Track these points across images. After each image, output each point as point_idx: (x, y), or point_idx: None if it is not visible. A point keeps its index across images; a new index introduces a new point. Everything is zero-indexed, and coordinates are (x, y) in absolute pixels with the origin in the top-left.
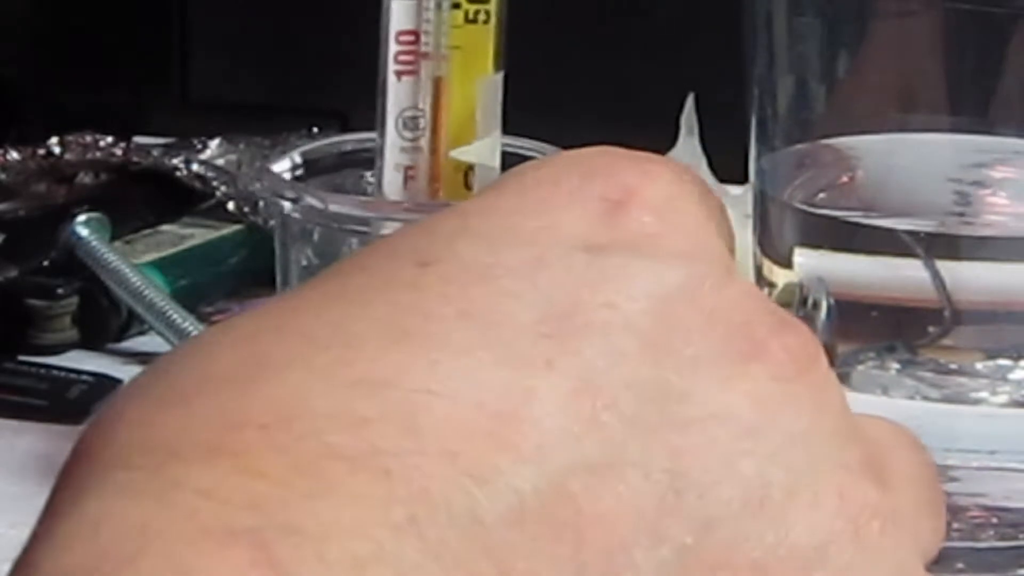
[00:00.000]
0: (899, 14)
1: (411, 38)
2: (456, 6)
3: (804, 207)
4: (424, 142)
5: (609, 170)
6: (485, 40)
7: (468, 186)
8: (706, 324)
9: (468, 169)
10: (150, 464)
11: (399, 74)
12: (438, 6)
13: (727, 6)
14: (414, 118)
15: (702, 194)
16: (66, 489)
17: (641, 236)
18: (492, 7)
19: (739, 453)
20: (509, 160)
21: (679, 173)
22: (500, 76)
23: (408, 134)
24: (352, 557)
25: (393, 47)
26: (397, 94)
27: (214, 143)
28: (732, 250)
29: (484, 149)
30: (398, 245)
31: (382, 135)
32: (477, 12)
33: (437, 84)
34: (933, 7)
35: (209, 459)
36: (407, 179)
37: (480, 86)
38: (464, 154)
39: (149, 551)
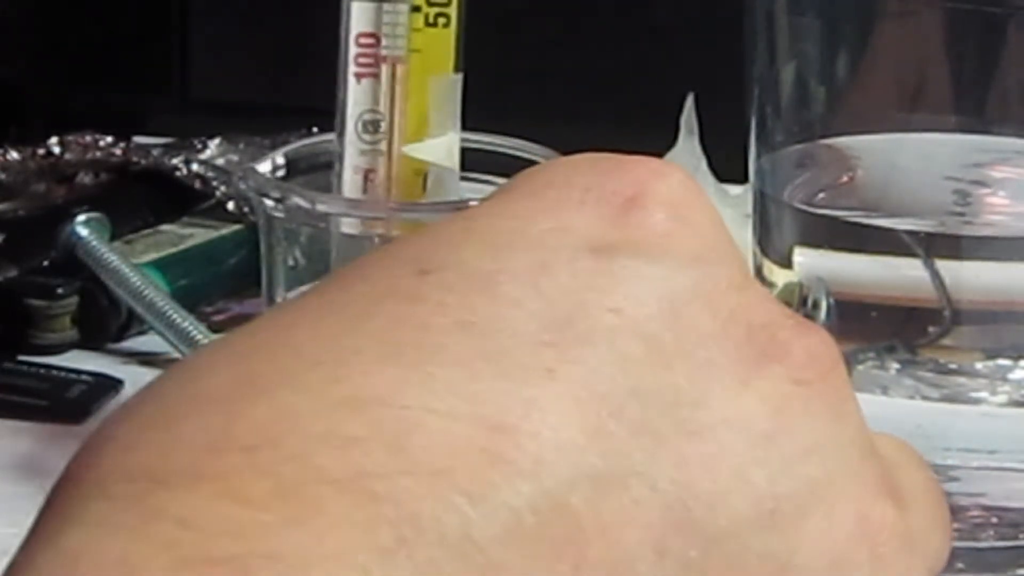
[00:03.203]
0: (899, 14)
1: (371, 40)
2: (416, 9)
3: (804, 207)
4: (384, 145)
5: (622, 168)
6: (445, 44)
7: (425, 189)
8: (722, 326)
9: (427, 173)
10: (131, 493)
11: (359, 76)
12: (398, 9)
13: (727, 6)
14: (374, 121)
15: (708, 197)
16: (48, 517)
17: (654, 235)
18: (452, 11)
19: (751, 462)
20: (502, 161)
21: (689, 176)
22: (458, 76)
23: (368, 137)
24: None
25: (353, 49)
26: (356, 96)
27: (214, 143)
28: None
29: (439, 148)
30: (400, 252)
31: (341, 137)
32: (437, 15)
33: (396, 87)
34: (933, 7)
35: (191, 485)
36: (367, 182)
37: (434, 84)
38: (417, 151)
39: None
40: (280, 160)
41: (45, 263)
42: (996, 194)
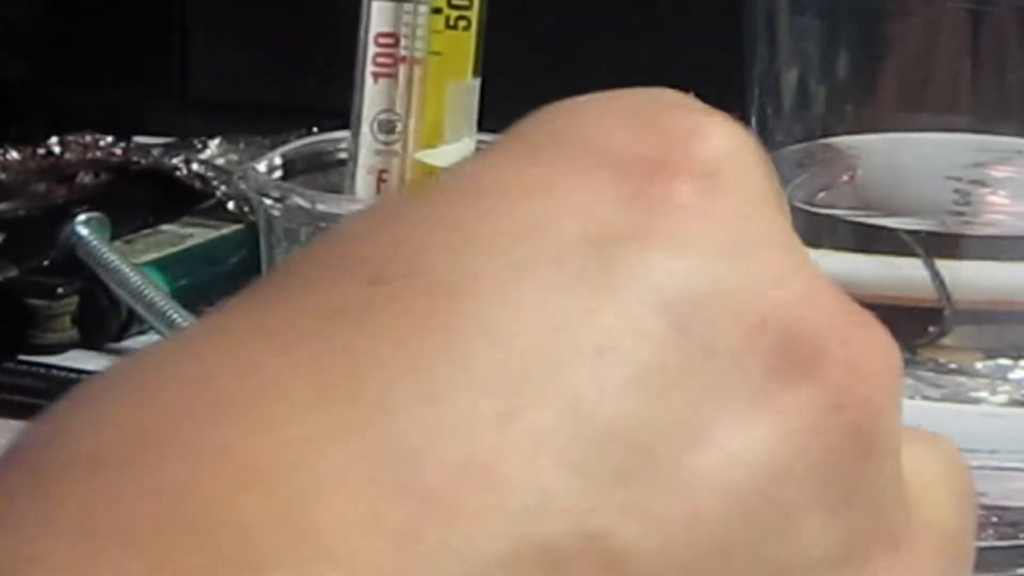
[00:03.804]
0: (899, 14)
1: (390, 40)
2: (437, 11)
3: (804, 207)
4: (399, 147)
5: (647, 119)
6: (465, 46)
7: None
8: (748, 336)
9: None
10: None
11: (376, 76)
12: (418, 10)
13: (727, 5)
14: (390, 121)
15: (762, 161)
16: None
17: (676, 215)
18: (473, 14)
19: (743, 520)
20: None
21: (739, 130)
22: (475, 82)
23: (383, 137)
24: None
25: (371, 48)
26: (373, 96)
27: (214, 143)
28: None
29: (452, 154)
30: (350, 252)
31: (356, 137)
32: (458, 18)
33: (413, 88)
34: (933, 7)
35: None
36: (380, 183)
37: (451, 90)
38: (430, 156)
39: None
40: (280, 160)
41: (45, 263)
42: (996, 194)
